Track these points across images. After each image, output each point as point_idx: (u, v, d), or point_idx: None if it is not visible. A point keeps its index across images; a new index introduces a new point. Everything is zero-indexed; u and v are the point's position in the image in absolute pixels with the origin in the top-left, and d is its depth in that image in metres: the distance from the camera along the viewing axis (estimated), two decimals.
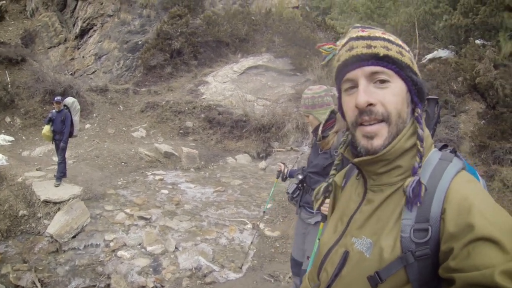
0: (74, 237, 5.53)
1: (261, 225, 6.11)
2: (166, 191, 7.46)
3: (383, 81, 0.91)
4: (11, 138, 10.07)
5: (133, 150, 9.75)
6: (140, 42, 15.59)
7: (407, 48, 0.96)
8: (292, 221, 6.18)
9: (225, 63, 14.79)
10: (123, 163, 9.03)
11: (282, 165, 3.44)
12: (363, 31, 0.95)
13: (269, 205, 5.97)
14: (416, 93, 0.95)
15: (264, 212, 4.54)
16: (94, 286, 4.52)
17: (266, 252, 5.38)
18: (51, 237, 5.46)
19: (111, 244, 5.40)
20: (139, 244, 5.38)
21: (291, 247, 5.17)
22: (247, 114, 11.74)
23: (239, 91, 12.75)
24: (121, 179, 8.06)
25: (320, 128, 2.82)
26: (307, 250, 3.03)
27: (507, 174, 5.90)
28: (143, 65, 14.71)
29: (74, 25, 16.35)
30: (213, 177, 8.81)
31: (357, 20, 11.64)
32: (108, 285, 4.54)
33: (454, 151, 0.99)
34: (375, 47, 0.91)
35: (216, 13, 16.33)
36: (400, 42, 0.95)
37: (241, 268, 4.91)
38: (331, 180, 1.16)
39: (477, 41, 9.35)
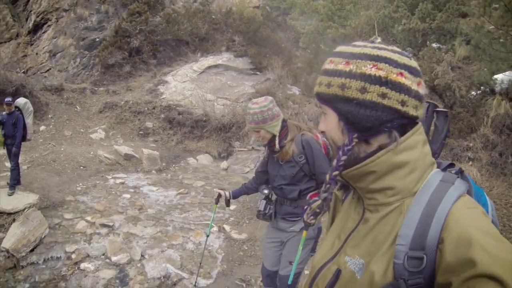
0: (32, 250, 5.16)
1: (227, 228, 6.09)
2: (128, 195, 7.30)
3: (324, 113, 1.00)
4: None
5: (92, 152, 9.52)
6: (97, 39, 15.21)
7: (345, 69, 0.90)
8: (258, 223, 6.17)
9: (185, 62, 14.73)
10: (81, 167, 8.78)
11: (219, 191, 3.40)
12: (331, 62, 0.96)
13: (211, 229, 5.88)
14: (345, 121, 0.93)
15: (207, 236, 4.21)
16: None
17: (234, 255, 5.30)
18: (7, 251, 5.07)
19: (73, 256, 5.09)
20: (103, 254, 5.12)
21: (260, 250, 5.23)
22: (207, 114, 11.83)
23: (199, 90, 12.81)
24: (80, 184, 7.74)
25: (277, 140, 2.79)
26: (288, 256, 3.01)
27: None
28: (101, 63, 14.34)
29: (27, 20, 15.69)
30: (175, 178, 8.76)
31: (318, 21, 11.93)
32: None
33: (459, 172, 0.95)
34: (320, 85, 0.97)
35: (176, 11, 16.21)
36: (339, 66, 0.92)
37: (210, 273, 4.82)
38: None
39: (434, 45, 10.04)
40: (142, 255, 5.12)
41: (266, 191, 3.05)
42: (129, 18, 15.01)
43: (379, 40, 0.97)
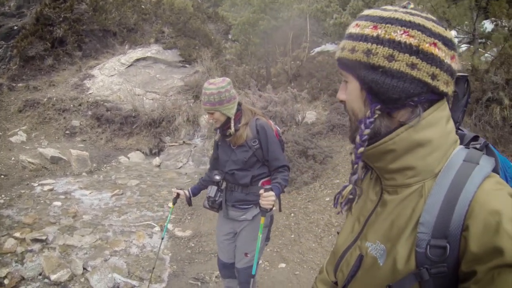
0: None
1: (170, 226, 5.96)
2: (59, 203, 6.86)
3: (345, 81, 0.94)
4: None
5: (13, 158, 8.89)
6: (16, 28, 14.17)
7: (372, 34, 0.85)
8: (201, 217, 6.22)
9: (112, 55, 14.29)
10: (2, 176, 8.14)
11: (178, 190, 3.27)
12: (356, 26, 0.91)
13: (157, 230, 5.87)
14: (368, 91, 0.88)
15: (162, 238, 3.92)
16: None
17: (182, 254, 5.17)
18: None
19: (5, 281, 4.48)
20: (40, 274, 4.60)
21: (207, 245, 5.28)
22: (136, 109, 11.72)
23: (127, 84, 12.60)
24: (3, 195, 7.19)
25: (232, 123, 2.76)
26: (243, 247, 2.98)
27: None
28: (19, 55, 13.28)
29: None
30: (108, 179, 8.50)
31: (250, 13, 12.17)
32: None
33: (485, 145, 0.90)
34: (342, 49, 0.92)
35: None
36: (365, 31, 0.87)
37: (161, 276, 4.63)
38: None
39: None
40: (84, 268, 4.74)
41: (218, 177, 2.96)
42: (52, 4, 14.06)
43: (411, 5, 0.89)
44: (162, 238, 3.94)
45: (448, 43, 0.84)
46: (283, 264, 4.68)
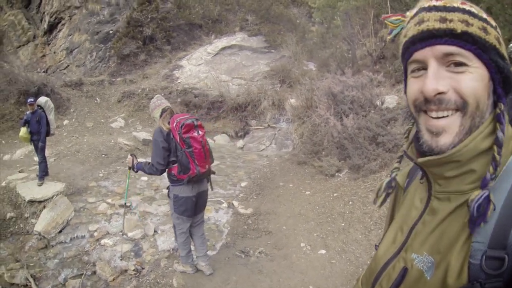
0: (60, 231, 5.74)
1: (236, 204, 6.27)
2: (145, 178, 7.48)
3: (459, 64, 0.74)
4: None
5: (112, 141, 9.79)
6: (111, 32, 15.37)
7: (494, 24, 0.77)
8: (265, 198, 6.40)
9: (199, 46, 14.73)
10: (103, 155, 9.07)
11: (131, 157, 4.00)
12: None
13: (128, 199, 6.15)
14: (500, 83, 0.76)
15: (125, 204, 5.05)
16: (82, 274, 4.73)
17: (239, 229, 5.52)
18: (39, 234, 5.68)
19: (95, 234, 5.62)
20: (121, 231, 5.60)
21: (262, 224, 5.55)
22: (222, 95, 11.85)
23: (213, 72, 12.77)
24: (102, 171, 8.10)
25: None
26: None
27: None
28: (116, 54, 14.57)
29: (41, 21, 15.99)
30: None
31: None
32: (94, 272, 4.76)
33: None
34: (451, 21, 0.74)
35: None
36: (484, 16, 0.76)
37: (215, 245, 5.10)
38: (394, 174, 0.99)
39: None
40: (155, 231, 5.57)
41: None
42: (139, 7, 15.07)
43: None
44: (125, 204, 4.97)
45: None
46: (323, 251, 4.69)
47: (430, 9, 0.76)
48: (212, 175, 3.98)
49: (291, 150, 9.07)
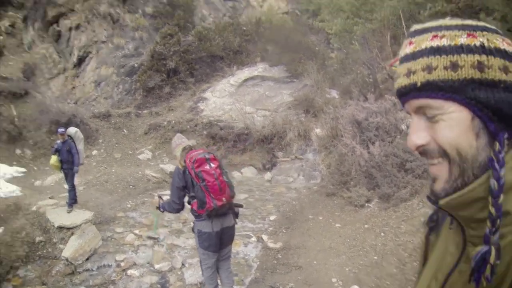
0: (87, 259, 5.92)
1: (265, 237, 6.24)
2: None
3: (432, 117, 0.71)
4: (23, 169, 10.51)
5: (140, 172, 10.00)
6: (136, 65, 15.83)
7: (478, 43, 0.67)
8: (295, 231, 6.34)
9: (222, 77, 15.01)
10: (131, 186, 9.29)
11: (157, 199, 4.18)
12: (410, 43, 0.74)
13: (156, 231, 6.29)
14: (491, 117, 0.68)
15: (155, 237, 5.08)
16: None
17: (268, 264, 5.46)
18: (67, 260, 5.86)
19: (122, 264, 5.74)
20: (148, 263, 5.70)
21: (292, 258, 5.45)
22: (248, 127, 11.95)
23: (238, 104, 12.97)
24: (130, 201, 8.27)
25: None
26: None
27: None
28: (142, 87, 14.95)
29: (70, 55, 16.62)
30: None
31: (344, 19, 11.60)
32: None
33: None
34: (414, 72, 0.70)
35: (207, 28, 16.53)
36: (462, 39, 0.68)
37: (243, 281, 5.06)
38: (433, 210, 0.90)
39: None
40: (182, 264, 5.60)
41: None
42: (162, 41, 15.48)
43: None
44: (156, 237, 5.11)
45: None
46: (355, 286, 4.53)
47: (402, 60, 0.74)
48: (240, 209, 4.00)
49: (319, 182, 9.01)
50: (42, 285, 5.43)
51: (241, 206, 4.05)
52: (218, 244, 3.82)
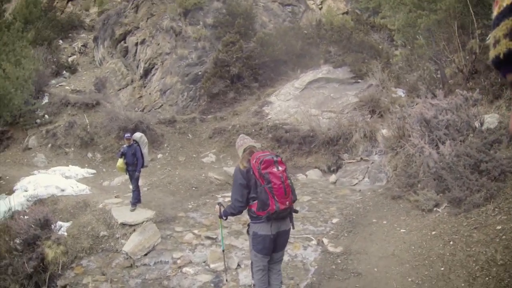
0: (146, 254, 6.22)
1: (325, 241, 6.01)
2: None
3: None
4: (93, 171, 11.54)
5: (203, 175, 10.12)
6: (199, 73, 16.10)
7: None
8: (357, 236, 6.00)
9: (286, 81, 14.78)
10: (193, 188, 9.42)
11: (218, 207, 4.06)
12: (496, 3, 0.60)
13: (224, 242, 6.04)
14: None
15: (223, 250, 4.88)
16: None
17: (327, 269, 5.25)
18: (127, 254, 6.25)
19: (178, 261, 5.92)
20: (204, 262, 5.80)
21: (352, 264, 5.18)
22: (313, 129, 11.55)
23: (303, 107, 12.62)
24: (192, 202, 8.45)
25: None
26: None
27: None
28: (206, 93, 15.16)
29: (137, 67, 17.41)
30: None
31: (406, 13, 10.77)
32: None
33: None
34: (498, 41, 0.56)
35: (268, 34, 16.40)
36: None
37: (299, 285, 4.93)
38: None
39: None
40: (238, 265, 5.64)
41: None
42: (224, 49, 15.63)
43: None
44: (223, 250, 4.86)
45: None
46: None
47: (492, 27, 0.56)
48: (303, 211, 3.90)
49: (385, 184, 8.49)
50: (102, 275, 5.80)
51: (296, 211, 3.95)
52: (271, 247, 3.76)
